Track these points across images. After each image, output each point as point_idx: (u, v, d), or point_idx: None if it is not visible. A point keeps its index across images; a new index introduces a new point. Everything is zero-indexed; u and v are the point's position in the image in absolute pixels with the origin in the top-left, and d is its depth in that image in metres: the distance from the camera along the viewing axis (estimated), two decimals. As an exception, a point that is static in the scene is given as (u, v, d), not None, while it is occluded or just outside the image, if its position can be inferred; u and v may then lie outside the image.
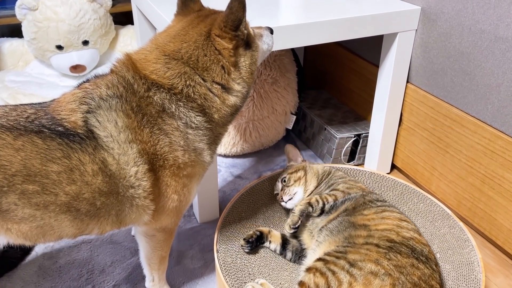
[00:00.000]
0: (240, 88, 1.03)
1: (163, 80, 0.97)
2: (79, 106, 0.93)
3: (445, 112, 1.46)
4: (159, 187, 1.00)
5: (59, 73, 2.05)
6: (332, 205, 1.24)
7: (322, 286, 0.98)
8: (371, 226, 1.12)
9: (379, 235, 1.09)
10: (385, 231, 1.10)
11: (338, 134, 1.74)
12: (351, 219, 1.16)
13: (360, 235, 1.10)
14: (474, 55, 1.32)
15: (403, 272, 0.99)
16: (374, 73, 1.76)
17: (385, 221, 1.14)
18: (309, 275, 1.02)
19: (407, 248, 1.06)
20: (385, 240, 1.07)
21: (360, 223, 1.14)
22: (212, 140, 1.05)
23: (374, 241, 1.07)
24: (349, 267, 1.00)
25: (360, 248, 1.05)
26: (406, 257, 1.03)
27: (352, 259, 1.02)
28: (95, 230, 0.98)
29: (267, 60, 1.77)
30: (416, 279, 0.99)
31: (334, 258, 1.03)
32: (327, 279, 0.99)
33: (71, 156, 0.89)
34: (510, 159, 1.28)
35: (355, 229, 1.12)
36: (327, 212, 1.23)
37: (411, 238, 1.10)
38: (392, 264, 1.00)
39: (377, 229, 1.11)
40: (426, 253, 1.08)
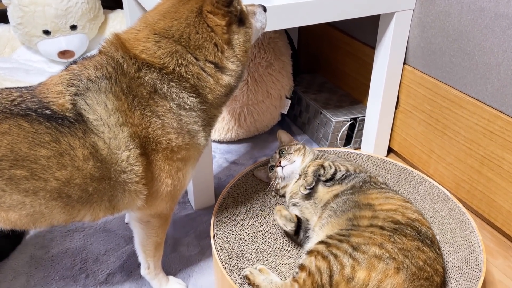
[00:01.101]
0: (234, 67, 0.99)
1: (154, 59, 0.93)
2: (66, 88, 0.89)
3: (443, 93, 1.43)
4: (152, 172, 0.96)
5: (47, 59, 1.99)
6: (343, 176, 1.22)
7: (324, 270, 0.96)
8: (376, 206, 1.10)
9: (384, 216, 1.06)
10: (390, 212, 1.08)
11: (334, 118, 1.72)
12: (355, 198, 1.14)
13: (364, 215, 1.08)
14: (474, 34, 1.29)
15: (408, 255, 0.97)
16: (370, 55, 1.73)
17: (390, 201, 1.12)
18: (310, 258, 1.00)
19: (413, 230, 1.04)
20: (390, 222, 1.04)
21: (364, 202, 1.12)
22: (207, 122, 1.02)
23: (379, 222, 1.05)
24: (352, 250, 0.97)
25: (364, 231, 1.02)
26: (412, 240, 1.00)
27: (356, 242, 0.99)
28: (87, 217, 0.95)
29: (261, 42, 1.74)
30: (421, 263, 0.97)
31: (337, 241, 1.01)
32: (329, 263, 0.97)
33: (60, 140, 0.85)
34: (509, 139, 1.26)
35: (360, 209, 1.10)
36: (336, 183, 1.21)
37: (416, 219, 1.08)
38: (397, 248, 0.97)
39: (382, 209, 1.09)
40: (430, 236, 1.06)
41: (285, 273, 1.11)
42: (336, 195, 1.18)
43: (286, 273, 1.12)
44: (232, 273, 1.10)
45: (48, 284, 1.25)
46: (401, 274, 0.94)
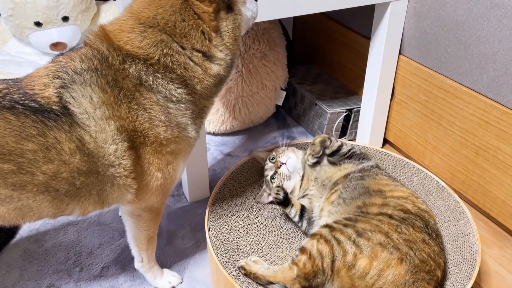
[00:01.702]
0: (223, 55, 0.96)
1: (138, 50, 0.91)
2: (52, 80, 0.88)
3: (439, 83, 1.42)
4: (141, 165, 0.95)
5: (39, 52, 1.97)
6: (349, 151, 1.22)
7: (326, 254, 0.95)
8: (387, 192, 1.09)
9: (394, 204, 1.05)
10: (401, 199, 1.07)
11: (329, 109, 1.71)
12: (365, 184, 1.12)
13: (374, 203, 1.06)
14: (469, 23, 1.28)
15: (412, 247, 0.96)
16: (366, 46, 1.72)
17: (400, 188, 1.12)
18: (312, 241, 0.98)
19: (421, 221, 1.03)
20: (400, 211, 1.03)
21: (375, 188, 1.11)
22: (197, 114, 1.00)
23: (388, 210, 1.03)
24: (356, 236, 0.96)
25: (372, 218, 1.01)
26: (419, 232, 0.99)
27: (362, 228, 0.98)
28: (76, 211, 0.94)
29: (255, 33, 1.72)
30: (425, 256, 0.96)
31: (342, 226, 1.00)
32: (332, 248, 0.95)
33: (47, 134, 0.84)
34: (505, 129, 1.25)
35: (370, 196, 1.09)
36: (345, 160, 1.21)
37: (425, 210, 1.08)
38: (402, 238, 0.96)
39: (393, 196, 1.08)
40: (436, 229, 1.05)
41: (280, 264, 1.11)
42: (346, 175, 1.17)
43: (281, 265, 1.11)
44: (227, 265, 1.09)
45: (42, 278, 1.24)
46: (403, 265, 0.93)
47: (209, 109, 1.04)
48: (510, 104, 1.23)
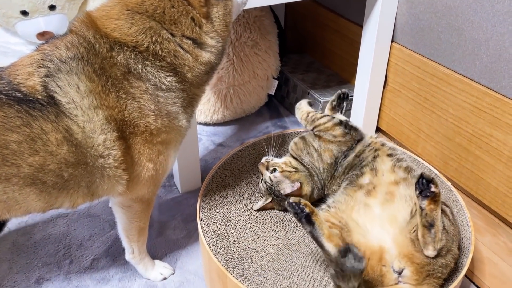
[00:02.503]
0: (214, 42, 0.95)
1: (127, 37, 0.88)
2: (36, 69, 0.85)
3: (432, 71, 1.41)
4: (131, 156, 0.93)
5: (25, 41, 1.93)
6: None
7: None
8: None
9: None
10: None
11: (322, 98, 1.69)
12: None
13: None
14: (462, 9, 1.27)
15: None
16: (358, 33, 1.70)
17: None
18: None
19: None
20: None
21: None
22: (188, 103, 0.98)
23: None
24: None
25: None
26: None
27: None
28: (65, 203, 0.92)
29: (246, 21, 1.69)
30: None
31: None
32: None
33: (32, 124, 0.82)
34: (498, 116, 1.25)
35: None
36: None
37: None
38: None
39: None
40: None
41: (273, 254, 1.10)
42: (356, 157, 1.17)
43: (274, 254, 1.10)
44: (219, 254, 1.08)
45: (31, 270, 1.22)
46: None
47: (200, 98, 1.02)
48: (503, 90, 1.22)
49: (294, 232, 1.17)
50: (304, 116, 1.29)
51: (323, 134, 1.21)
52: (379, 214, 0.99)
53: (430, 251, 0.91)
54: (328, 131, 1.20)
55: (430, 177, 0.91)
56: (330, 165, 1.17)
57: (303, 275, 1.05)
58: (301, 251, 1.11)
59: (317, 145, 1.20)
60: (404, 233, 0.94)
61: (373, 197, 1.02)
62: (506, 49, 1.18)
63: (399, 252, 0.93)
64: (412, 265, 0.92)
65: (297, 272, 1.06)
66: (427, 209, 0.90)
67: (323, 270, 1.06)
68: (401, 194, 1.01)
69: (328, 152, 1.18)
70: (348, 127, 1.22)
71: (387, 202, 1.01)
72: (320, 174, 1.18)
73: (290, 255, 1.10)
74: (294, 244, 1.13)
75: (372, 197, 1.02)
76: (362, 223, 0.99)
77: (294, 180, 1.17)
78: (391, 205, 1.00)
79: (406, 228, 0.95)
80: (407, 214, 0.97)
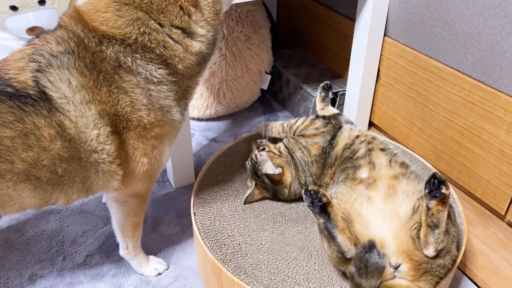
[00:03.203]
0: (205, 32, 0.93)
1: (114, 30, 0.87)
2: (27, 64, 0.84)
3: (424, 65, 1.42)
4: (126, 151, 0.92)
5: (15, 37, 1.90)
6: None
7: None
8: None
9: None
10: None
11: (315, 92, 1.69)
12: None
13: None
14: (454, 3, 1.27)
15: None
16: (351, 28, 1.70)
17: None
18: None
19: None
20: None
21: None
22: (181, 95, 0.97)
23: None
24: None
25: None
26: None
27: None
28: (60, 200, 0.91)
29: (239, 15, 1.69)
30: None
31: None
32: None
33: (25, 119, 0.81)
34: (489, 109, 1.26)
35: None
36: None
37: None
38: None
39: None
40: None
41: (268, 248, 1.10)
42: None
43: (268, 248, 1.10)
44: (214, 249, 1.08)
45: (24, 267, 1.21)
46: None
47: (193, 90, 1.01)
48: (494, 84, 1.23)
49: (288, 226, 1.18)
50: (280, 129, 1.34)
51: (306, 132, 1.24)
52: (382, 208, 0.99)
53: (430, 251, 0.91)
54: (309, 127, 1.24)
55: (443, 179, 0.89)
56: (318, 156, 1.18)
57: (297, 268, 1.05)
58: (295, 245, 1.12)
59: (304, 143, 1.21)
60: (405, 229, 0.94)
61: (375, 191, 1.02)
62: (497, 43, 1.19)
63: (398, 248, 0.92)
64: (410, 261, 0.92)
65: (292, 265, 1.06)
66: (434, 209, 0.89)
67: (317, 264, 1.06)
68: (403, 189, 1.01)
69: (315, 146, 1.20)
70: (327, 117, 1.28)
71: (390, 196, 1.00)
72: (309, 170, 1.19)
73: (285, 249, 1.10)
74: (288, 238, 1.14)
75: (374, 191, 1.02)
76: (365, 215, 0.98)
77: (277, 165, 1.19)
78: (394, 199, 1.00)
79: (407, 224, 0.94)
80: (409, 209, 0.96)
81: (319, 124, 1.24)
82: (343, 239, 0.92)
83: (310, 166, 1.18)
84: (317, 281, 1.02)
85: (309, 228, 1.17)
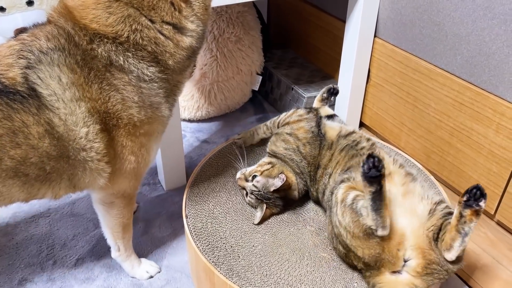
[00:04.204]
0: (195, 26, 0.93)
1: (106, 28, 0.86)
2: (16, 60, 0.83)
3: (414, 66, 1.43)
4: (114, 148, 0.92)
5: (2, 38, 1.88)
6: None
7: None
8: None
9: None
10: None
11: (305, 93, 1.70)
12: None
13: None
14: (443, 4, 1.28)
15: None
16: (341, 29, 1.71)
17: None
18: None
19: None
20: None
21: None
22: (170, 92, 0.97)
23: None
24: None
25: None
26: None
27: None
28: (48, 194, 0.92)
29: (230, 16, 1.68)
30: None
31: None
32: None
33: (13, 117, 0.80)
34: (478, 110, 1.27)
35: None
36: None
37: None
38: None
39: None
40: None
41: (260, 250, 1.10)
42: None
43: (260, 250, 1.10)
44: (206, 251, 1.07)
45: (14, 272, 1.20)
46: None
47: (182, 85, 1.01)
48: (483, 84, 1.24)
49: (280, 227, 1.18)
50: (264, 129, 1.38)
51: (290, 119, 1.28)
52: (402, 202, 1.00)
53: (451, 255, 0.92)
54: (292, 115, 1.29)
55: (484, 192, 0.90)
56: (311, 138, 1.21)
57: (290, 270, 1.05)
58: (287, 247, 1.12)
59: (289, 130, 1.24)
60: (423, 228, 0.96)
61: (393, 184, 1.03)
62: (486, 44, 1.20)
63: (415, 243, 0.95)
64: (422, 259, 0.94)
65: (284, 267, 1.06)
66: (468, 218, 0.90)
67: (309, 265, 1.07)
68: (417, 191, 1.03)
69: (301, 129, 1.23)
70: (308, 107, 1.33)
71: (407, 193, 1.02)
72: (300, 153, 1.19)
73: (277, 251, 1.10)
74: (280, 240, 1.14)
75: (392, 184, 1.03)
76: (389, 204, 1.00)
77: (276, 175, 1.18)
78: (411, 197, 1.02)
79: (425, 225, 0.96)
80: (426, 211, 0.98)
81: (302, 112, 1.30)
82: (386, 215, 0.92)
83: (302, 148, 1.19)
84: (310, 283, 1.02)
85: (301, 229, 1.17)
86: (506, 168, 1.23)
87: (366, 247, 0.97)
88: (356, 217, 0.96)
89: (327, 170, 1.16)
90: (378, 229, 0.93)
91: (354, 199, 0.97)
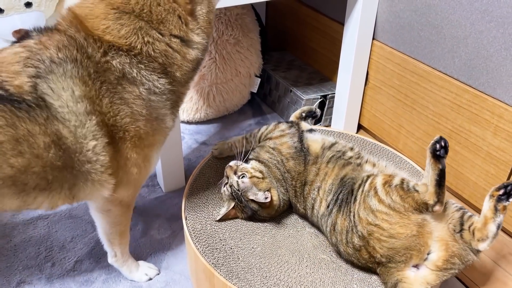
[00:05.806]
0: (200, 39, 0.94)
1: (120, 40, 0.86)
2: (24, 68, 0.82)
3: (412, 68, 1.44)
4: (117, 160, 0.92)
5: (1, 39, 1.87)
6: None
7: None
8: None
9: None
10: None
11: (304, 95, 1.70)
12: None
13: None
14: (441, 7, 1.29)
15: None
16: (339, 31, 1.71)
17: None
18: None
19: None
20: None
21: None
22: (175, 103, 0.98)
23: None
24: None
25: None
26: None
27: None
28: (44, 205, 0.90)
29: (228, 19, 1.69)
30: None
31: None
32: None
33: (17, 125, 0.79)
34: (476, 112, 1.28)
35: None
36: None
37: None
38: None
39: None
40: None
41: (259, 251, 1.10)
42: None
43: (260, 251, 1.10)
44: (206, 253, 1.07)
45: (12, 274, 1.19)
46: None
47: (185, 96, 1.02)
48: (481, 87, 1.25)
49: (279, 229, 1.18)
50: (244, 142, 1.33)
51: (272, 134, 1.25)
52: None
53: (485, 245, 0.97)
54: (274, 130, 1.26)
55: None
56: (294, 153, 1.19)
57: (289, 271, 1.05)
58: (287, 248, 1.12)
59: (272, 145, 1.22)
60: (444, 219, 1.01)
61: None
62: (484, 47, 1.21)
63: (438, 235, 0.98)
64: (445, 251, 0.97)
65: (284, 269, 1.06)
66: (501, 209, 0.97)
67: (309, 267, 1.07)
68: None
69: (284, 145, 1.21)
70: (290, 121, 1.31)
71: None
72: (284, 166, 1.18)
73: (276, 253, 1.10)
74: (279, 241, 1.14)
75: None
76: None
77: (262, 189, 1.15)
78: None
79: (445, 218, 1.01)
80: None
81: (284, 127, 1.27)
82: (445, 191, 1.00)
83: (286, 162, 1.19)
84: (309, 284, 1.02)
85: (300, 231, 1.17)
86: (504, 170, 1.24)
87: (404, 224, 1.00)
88: (406, 194, 1.01)
89: (314, 185, 1.15)
90: (437, 205, 0.98)
91: (402, 181, 1.04)
